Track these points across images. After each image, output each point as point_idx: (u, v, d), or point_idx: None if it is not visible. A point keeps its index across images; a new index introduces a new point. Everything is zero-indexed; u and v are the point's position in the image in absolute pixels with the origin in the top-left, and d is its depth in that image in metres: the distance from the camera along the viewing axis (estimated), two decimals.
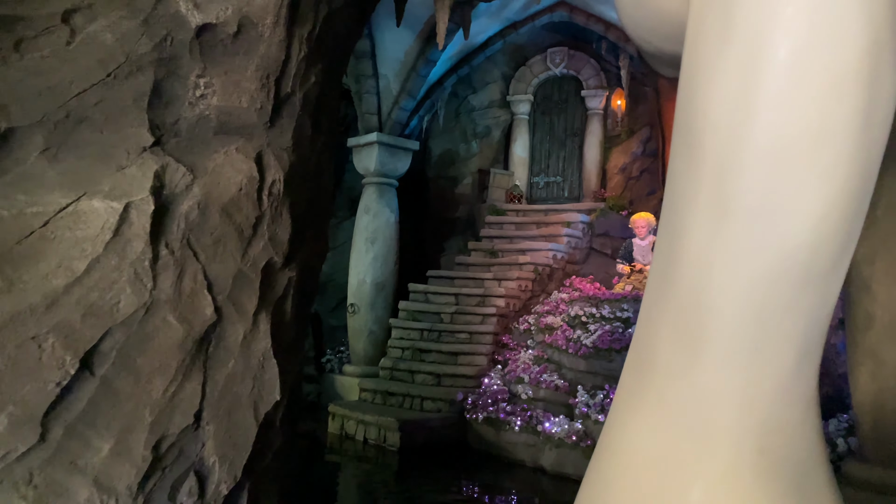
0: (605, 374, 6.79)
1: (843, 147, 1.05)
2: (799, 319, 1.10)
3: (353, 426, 7.42)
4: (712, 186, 1.13)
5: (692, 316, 1.16)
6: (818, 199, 1.06)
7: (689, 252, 1.17)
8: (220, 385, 1.84)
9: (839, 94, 1.05)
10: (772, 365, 1.11)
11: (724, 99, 1.12)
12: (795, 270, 1.08)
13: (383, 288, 9.48)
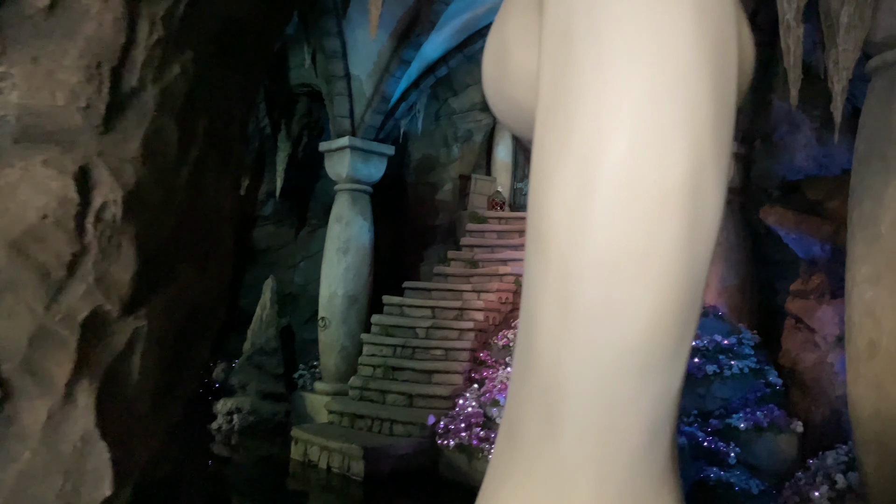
0: None
1: (670, 260, 1.13)
2: (645, 404, 1.18)
3: (316, 452, 6.90)
4: (557, 285, 1.20)
5: (550, 398, 1.23)
6: (648, 305, 1.14)
7: (542, 341, 1.24)
8: (9, 487, 1.34)
9: (665, 211, 1.12)
10: (624, 443, 1.18)
11: (563, 206, 1.19)
12: (635, 365, 1.16)
13: (356, 301, 8.96)
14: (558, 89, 1.25)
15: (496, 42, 1.58)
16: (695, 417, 6.15)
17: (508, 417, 1.36)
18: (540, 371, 1.25)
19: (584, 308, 1.19)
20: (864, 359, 3.81)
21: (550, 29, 1.29)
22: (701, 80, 1.15)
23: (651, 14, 1.18)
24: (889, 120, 3.79)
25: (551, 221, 1.22)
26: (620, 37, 1.18)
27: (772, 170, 7.90)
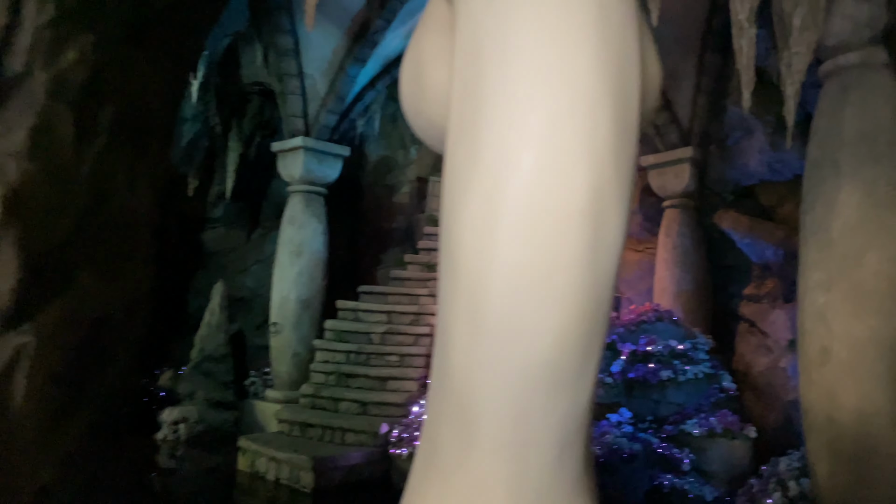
0: None
1: (574, 277, 1.16)
2: (555, 418, 1.20)
3: (264, 464, 6.65)
4: (467, 303, 1.22)
5: (464, 414, 1.24)
6: (554, 322, 1.16)
7: (455, 358, 1.25)
8: None
9: (568, 231, 1.16)
10: (537, 456, 1.20)
11: (471, 225, 1.21)
12: (543, 379, 1.18)
13: (309, 306, 8.72)
14: (467, 109, 1.26)
15: (412, 60, 1.58)
16: (650, 424, 6.10)
17: (426, 433, 1.38)
18: (454, 388, 1.26)
19: (492, 325, 1.21)
20: (816, 365, 3.77)
21: (461, 49, 1.31)
22: (602, 105, 1.18)
23: (556, 39, 1.20)
24: (841, 125, 3.77)
25: (461, 240, 1.24)
26: (526, 60, 1.20)
27: (726, 175, 7.94)
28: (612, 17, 1.25)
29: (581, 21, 1.22)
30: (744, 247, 7.62)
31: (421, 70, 1.54)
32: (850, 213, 3.63)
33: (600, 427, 5.80)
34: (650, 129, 8.43)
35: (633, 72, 1.28)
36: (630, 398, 6.25)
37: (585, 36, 1.21)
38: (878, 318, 3.51)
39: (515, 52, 1.21)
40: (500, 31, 1.24)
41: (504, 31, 1.23)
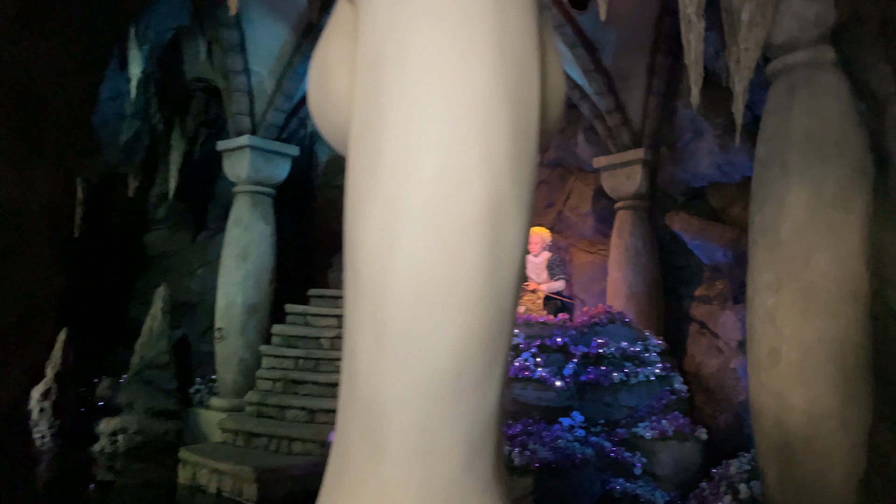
0: None
1: (474, 286, 1.19)
2: (461, 425, 1.22)
3: (205, 476, 6.36)
4: (369, 310, 1.24)
5: (371, 422, 1.25)
6: (456, 330, 1.19)
7: (360, 366, 1.26)
8: None
9: (467, 239, 1.19)
10: (443, 464, 1.22)
11: (372, 235, 1.24)
12: (447, 387, 1.19)
13: (256, 310, 8.43)
14: (368, 117, 1.27)
15: (318, 64, 1.58)
16: (602, 427, 6.03)
17: (336, 441, 1.37)
18: (360, 395, 1.26)
19: (395, 333, 1.22)
20: (765, 367, 3.72)
21: (362, 55, 1.31)
22: (500, 115, 1.20)
23: (454, 48, 1.21)
24: (789, 125, 3.73)
25: (362, 247, 1.25)
26: (424, 68, 1.21)
27: (677, 176, 7.97)
28: (511, 27, 1.27)
29: (479, 31, 1.23)
30: (694, 248, 7.65)
31: (326, 74, 1.54)
32: (798, 213, 3.60)
33: (553, 432, 5.70)
34: (604, 131, 8.42)
35: (533, 82, 1.29)
36: (582, 401, 6.18)
37: (483, 45, 1.22)
38: (827, 320, 3.48)
39: (414, 60, 1.22)
40: (399, 38, 1.25)
41: (403, 39, 1.24)
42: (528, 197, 1.29)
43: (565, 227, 9.77)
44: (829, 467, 3.41)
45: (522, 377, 6.05)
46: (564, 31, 7.78)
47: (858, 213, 3.50)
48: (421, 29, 1.24)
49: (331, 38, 1.57)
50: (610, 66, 8.02)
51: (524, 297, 7.57)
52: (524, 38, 1.29)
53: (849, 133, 3.54)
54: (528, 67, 1.29)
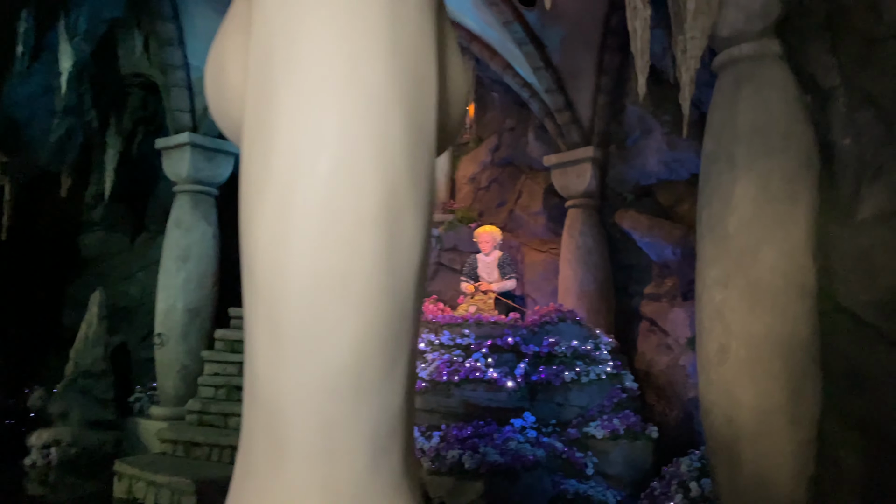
0: (442, 412, 5.93)
1: (370, 283, 1.18)
2: (365, 424, 1.20)
3: (142, 489, 6.05)
4: (265, 310, 1.22)
5: (273, 423, 1.22)
6: (353, 328, 1.18)
7: (259, 367, 1.24)
8: None
9: (361, 237, 1.18)
10: (346, 465, 1.20)
11: (266, 232, 1.22)
12: (347, 386, 1.18)
13: (198, 314, 8.10)
14: (260, 113, 1.25)
15: (214, 59, 1.55)
16: (553, 428, 5.95)
17: (241, 443, 1.33)
18: (261, 396, 1.23)
19: (291, 332, 1.20)
20: (714, 364, 3.67)
21: (255, 52, 1.29)
22: (394, 114, 1.18)
23: (345, 44, 1.19)
24: (735, 118, 3.69)
25: (255, 245, 1.23)
26: (316, 67, 1.19)
27: (626, 174, 7.97)
28: (404, 26, 1.25)
29: (371, 28, 1.22)
30: (644, 246, 7.66)
31: (221, 70, 1.50)
32: (745, 207, 3.56)
33: (504, 433, 5.59)
34: (554, 129, 8.38)
35: (429, 81, 1.27)
36: (534, 402, 6.09)
37: (376, 43, 1.20)
38: (774, 315, 3.44)
39: (305, 57, 1.21)
40: (291, 34, 1.23)
41: (294, 35, 1.22)
42: (426, 194, 1.27)
43: (517, 226, 9.71)
44: (779, 464, 3.37)
45: (473, 378, 5.93)
46: (513, 28, 7.70)
47: (804, 207, 3.47)
48: (312, 25, 1.22)
49: (226, 33, 1.53)
50: (559, 64, 7.98)
51: (476, 297, 7.46)
52: (419, 36, 1.27)
53: (794, 126, 3.52)
54: (423, 66, 1.27)
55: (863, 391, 3.21)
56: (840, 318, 3.36)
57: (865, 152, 3.27)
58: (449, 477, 5.10)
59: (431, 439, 5.62)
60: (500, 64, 8.75)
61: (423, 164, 1.26)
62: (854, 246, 3.28)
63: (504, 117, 10.01)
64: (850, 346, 3.30)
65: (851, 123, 3.31)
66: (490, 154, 10.12)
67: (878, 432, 3.09)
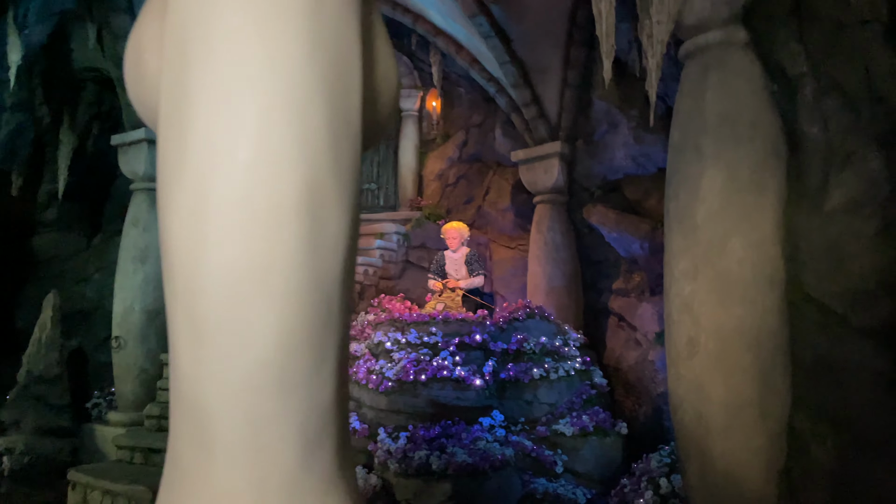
0: (409, 413, 5.79)
1: (293, 276, 1.15)
2: (292, 421, 1.17)
3: (97, 498, 5.80)
4: (185, 304, 1.20)
5: (198, 420, 1.20)
6: (276, 321, 1.15)
7: (181, 363, 1.22)
8: None
9: (282, 229, 1.15)
10: (277, 463, 1.17)
11: (182, 224, 1.18)
12: (272, 382, 1.15)
13: (157, 316, 7.84)
14: (175, 101, 1.22)
15: (133, 45, 1.53)
16: (522, 426, 5.86)
17: (169, 444, 1.34)
18: (185, 395, 1.22)
19: (212, 327, 1.17)
20: (683, 358, 3.60)
21: (170, 36, 1.26)
22: (316, 102, 1.17)
23: (262, 28, 1.17)
24: (702, 108, 3.63)
25: (173, 239, 1.20)
26: (232, 55, 1.17)
27: (593, 169, 7.93)
28: (326, 11, 1.24)
29: (290, 13, 1.20)
30: (612, 241, 7.62)
31: (139, 56, 1.48)
32: (713, 198, 3.49)
33: (472, 433, 5.48)
34: (521, 124, 8.30)
35: (352, 69, 1.26)
36: (503, 400, 5.99)
37: (294, 26, 1.19)
38: (744, 307, 3.39)
39: (220, 42, 1.18)
40: (205, 19, 1.20)
41: (209, 20, 1.20)
42: (350, 185, 1.25)
43: (485, 223, 9.62)
44: (749, 459, 3.32)
45: (441, 377, 5.80)
46: (478, 21, 7.60)
47: (772, 197, 3.42)
48: (228, 11, 1.19)
49: (144, 18, 1.49)
50: (525, 58, 7.90)
51: (444, 295, 7.34)
52: (341, 24, 1.26)
53: (762, 115, 3.46)
54: (346, 55, 1.25)
55: (832, 383, 3.16)
56: (809, 308, 3.31)
57: (833, 140, 3.22)
58: (416, 479, 4.97)
59: (398, 440, 5.48)
60: (466, 58, 8.65)
61: (347, 155, 1.24)
62: (822, 236, 3.24)
63: (471, 113, 9.91)
64: (819, 337, 3.26)
65: (819, 111, 3.27)
66: (458, 150, 10.02)
67: (848, 424, 3.05)
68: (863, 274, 3.08)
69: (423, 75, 10.27)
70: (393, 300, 7.54)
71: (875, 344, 3.02)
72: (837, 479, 3.01)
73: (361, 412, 6.04)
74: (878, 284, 3.05)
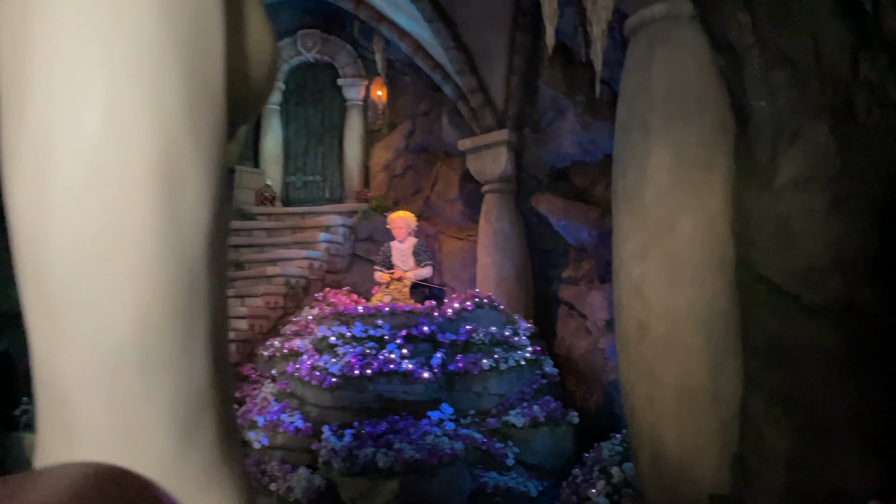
0: (355, 409, 5.57)
1: (148, 245, 1.10)
2: (161, 404, 1.12)
3: None
4: (32, 281, 1.11)
5: (59, 406, 1.13)
6: (132, 298, 1.09)
7: (36, 344, 1.13)
8: None
9: (133, 199, 1.09)
10: (148, 447, 1.11)
11: (25, 194, 1.12)
12: (133, 362, 1.10)
13: None
14: (14, 61, 1.17)
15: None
16: (472, 418, 5.70)
17: (38, 430, 1.25)
18: (44, 379, 1.16)
19: (61, 304, 1.10)
20: (633, 342, 3.49)
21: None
22: (169, 63, 1.14)
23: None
24: (649, 83, 3.51)
25: (17, 211, 1.13)
26: (74, 10, 1.12)
27: (541, 157, 7.82)
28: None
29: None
30: (561, 230, 7.53)
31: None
32: (661, 176, 3.38)
33: (421, 428, 5.29)
34: (468, 112, 8.13)
35: (212, 29, 1.21)
36: (452, 392, 5.82)
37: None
38: (694, 288, 3.28)
39: (62, 2, 1.13)
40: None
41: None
42: (213, 153, 1.18)
43: (433, 214, 9.44)
44: (703, 444, 3.22)
45: (388, 371, 5.60)
46: (422, 5, 7.40)
47: (721, 174, 3.32)
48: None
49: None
50: (471, 44, 7.73)
51: (391, 286, 7.12)
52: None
53: (708, 89, 3.36)
54: (205, 14, 1.20)
55: (785, 364, 3.08)
56: (759, 288, 3.22)
57: (782, 115, 3.14)
58: (362, 478, 4.76)
59: (343, 438, 5.25)
60: (410, 45, 8.44)
61: (207, 121, 1.18)
62: (772, 213, 3.15)
63: (417, 102, 9.70)
64: (770, 317, 3.17)
65: (767, 85, 3.17)
66: (404, 140, 9.79)
67: (802, 407, 2.97)
68: (814, 251, 3.01)
69: (367, 63, 10.00)
70: (338, 294, 7.29)
71: (828, 323, 2.95)
72: (793, 463, 2.92)
73: (305, 410, 5.79)
74: (829, 262, 2.98)
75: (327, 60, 10.17)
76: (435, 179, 9.55)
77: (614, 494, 4.23)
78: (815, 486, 2.81)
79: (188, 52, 1.17)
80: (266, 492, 5.10)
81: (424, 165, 9.67)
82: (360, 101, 10.06)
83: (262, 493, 5.11)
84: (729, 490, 3.19)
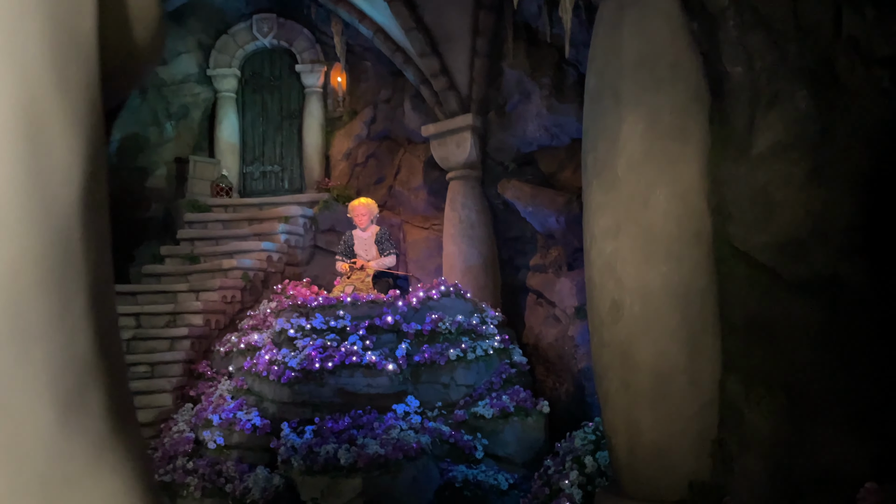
0: (315, 404, 5.31)
1: (9, 205, 1.04)
2: (38, 375, 1.06)
3: None
4: None
5: None
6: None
7: None
8: None
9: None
10: (28, 421, 1.05)
11: None
12: (6, 329, 1.03)
13: None
14: None
15: None
16: (439, 411, 5.48)
17: None
18: None
19: None
20: (607, 323, 3.29)
21: None
22: (31, 19, 1.08)
23: None
24: (619, 50, 3.31)
25: None
26: None
27: (507, 142, 7.62)
28: None
29: None
30: (528, 216, 7.35)
31: None
32: (634, 146, 3.19)
33: (385, 422, 5.06)
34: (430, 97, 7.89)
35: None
36: (417, 384, 5.59)
37: None
38: (670, 264, 3.10)
39: None
40: None
41: None
42: (85, 111, 1.13)
43: (397, 203, 9.19)
44: (681, 429, 3.04)
45: (350, 363, 5.34)
46: None
47: (696, 144, 3.15)
48: None
49: None
50: (432, 25, 7.48)
51: (353, 276, 6.85)
52: None
53: (682, 56, 3.18)
54: None
55: (765, 342, 2.92)
56: (737, 263, 3.06)
57: (758, 80, 2.97)
58: (323, 476, 4.50)
59: (304, 435, 4.99)
60: (370, 27, 8.16)
61: (78, 78, 1.13)
62: (749, 183, 2.98)
63: (379, 88, 9.43)
64: (749, 293, 3.01)
65: (743, 49, 3.00)
66: (366, 127, 9.51)
67: (783, 386, 2.81)
68: (794, 222, 2.84)
69: (325, 48, 9.69)
70: (298, 285, 7.00)
71: (810, 298, 2.79)
72: (776, 446, 2.76)
73: (263, 406, 5.51)
74: (809, 233, 2.82)
75: (285, 46, 9.83)
76: (398, 168, 9.30)
77: (588, 485, 4.05)
78: (802, 470, 2.65)
79: (54, 8, 1.11)
80: (221, 493, 4.81)
81: (387, 153, 9.41)
82: (319, 88, 9.75)
83: (217, 494, 4.82)
84: (709, 476, 3.02)
